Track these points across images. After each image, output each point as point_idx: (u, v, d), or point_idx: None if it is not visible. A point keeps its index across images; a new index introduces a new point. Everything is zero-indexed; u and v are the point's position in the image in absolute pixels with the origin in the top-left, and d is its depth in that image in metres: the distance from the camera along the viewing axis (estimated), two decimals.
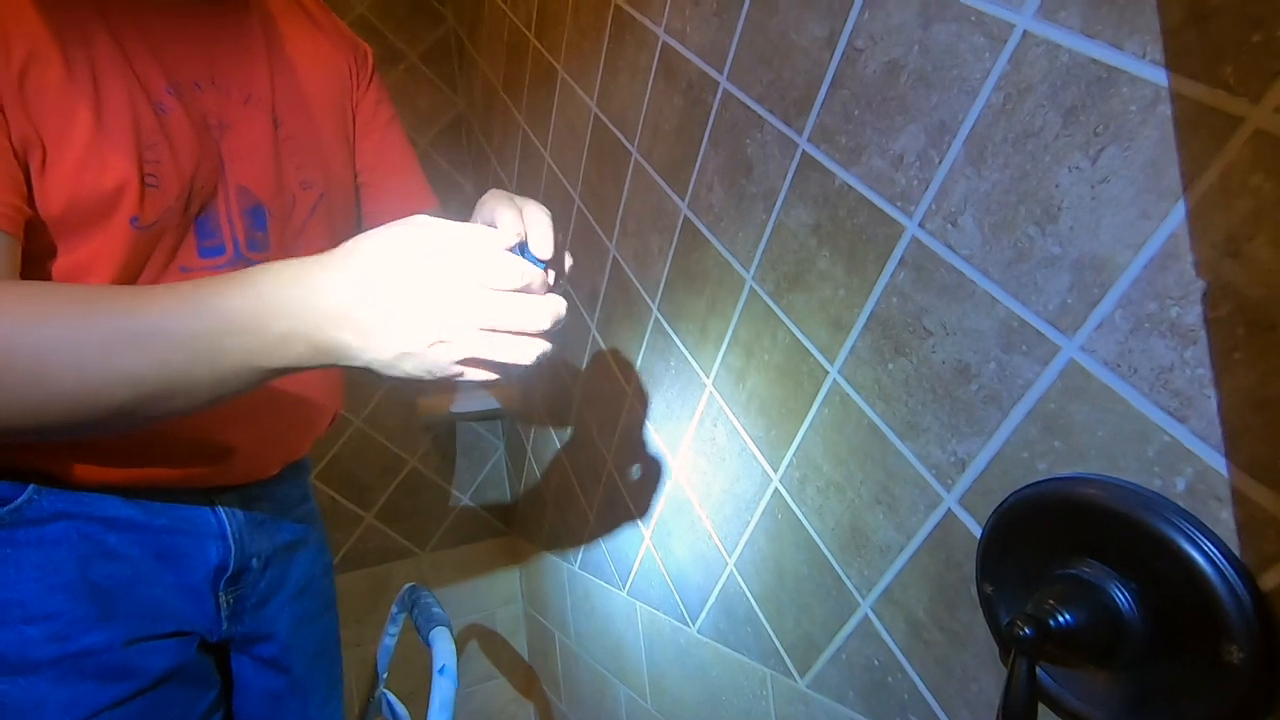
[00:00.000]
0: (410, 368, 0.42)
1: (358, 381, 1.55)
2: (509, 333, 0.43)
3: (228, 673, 0.67)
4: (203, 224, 0.58)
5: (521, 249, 0.47)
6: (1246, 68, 0.36)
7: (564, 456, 1.33)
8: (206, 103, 0.59)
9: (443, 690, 0.70)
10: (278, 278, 0.42)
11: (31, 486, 0.53)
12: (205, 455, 0.60)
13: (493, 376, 0.44)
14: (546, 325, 0.43)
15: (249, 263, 0.61)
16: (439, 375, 0.43)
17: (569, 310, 0.57)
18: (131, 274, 0.54)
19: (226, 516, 0.62)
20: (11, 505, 0.52)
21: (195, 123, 0.57)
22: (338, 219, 0.70)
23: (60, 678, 0.51)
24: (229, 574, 0.62)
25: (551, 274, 0.49)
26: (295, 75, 0.67)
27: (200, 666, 0.60)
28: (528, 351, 0.43)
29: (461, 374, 0.43)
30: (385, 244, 0.42)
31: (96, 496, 0.55)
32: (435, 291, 0.41)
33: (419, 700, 0.93)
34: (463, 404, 1.52)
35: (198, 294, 0.41)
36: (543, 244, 0.47)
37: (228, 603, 0.63)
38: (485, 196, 0.54)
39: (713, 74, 0.77)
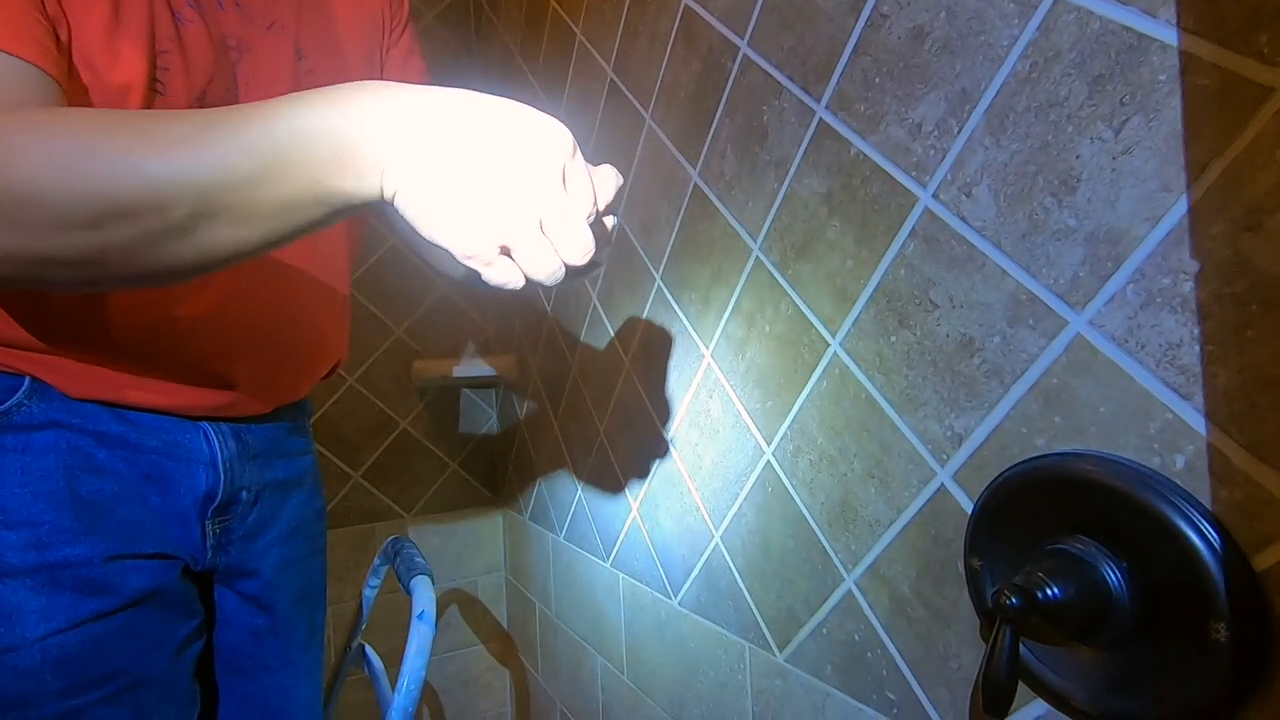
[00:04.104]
0: (448, 236, 0.39)
1: (355, 342, 1.54)
2: (554, 245, 0.40)
3: (211, 606, 0.67)
4: None
5: None
6: None
7: (556, 426, 1.32)
8: (227, 23, 0.58)
9: (421, 635, 0.70)
10: (367, 98, 0.39)
11: (22, 392, 0.53)
12: (201, 384, 0.60)
13: (517, 281, 0.42)
14: (580, 259, 0.41)
15: None
16: (470, 254, 0.40)
17: (568, 278, 0.56)
18: None
19: (219, 445, 0.61)
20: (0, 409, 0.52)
21: (214, 40, 0.56)
22: None
23: (38, 586, 0.51)
24: (217, 503, 0.62)
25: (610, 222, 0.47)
26: (326, 10, 0.66)
27: (182, 593, 0.60)
28: (555, 273, 0.41)
29: (491, 263, 0.40)
30: (494, 105, 0.39)
31: (89, 410, 0.55)
32: (524, 171, 0.38)
33: (398, 662, 0.93)
34: (463, 369, 1.51)
35: (275, 106, 0.39)
36: (604, 193, 0.45)
37: (214, 532, 0.62)
38: None
39: (733, 39, 0.76)
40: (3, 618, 0.50)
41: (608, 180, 0.45)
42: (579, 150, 0.41)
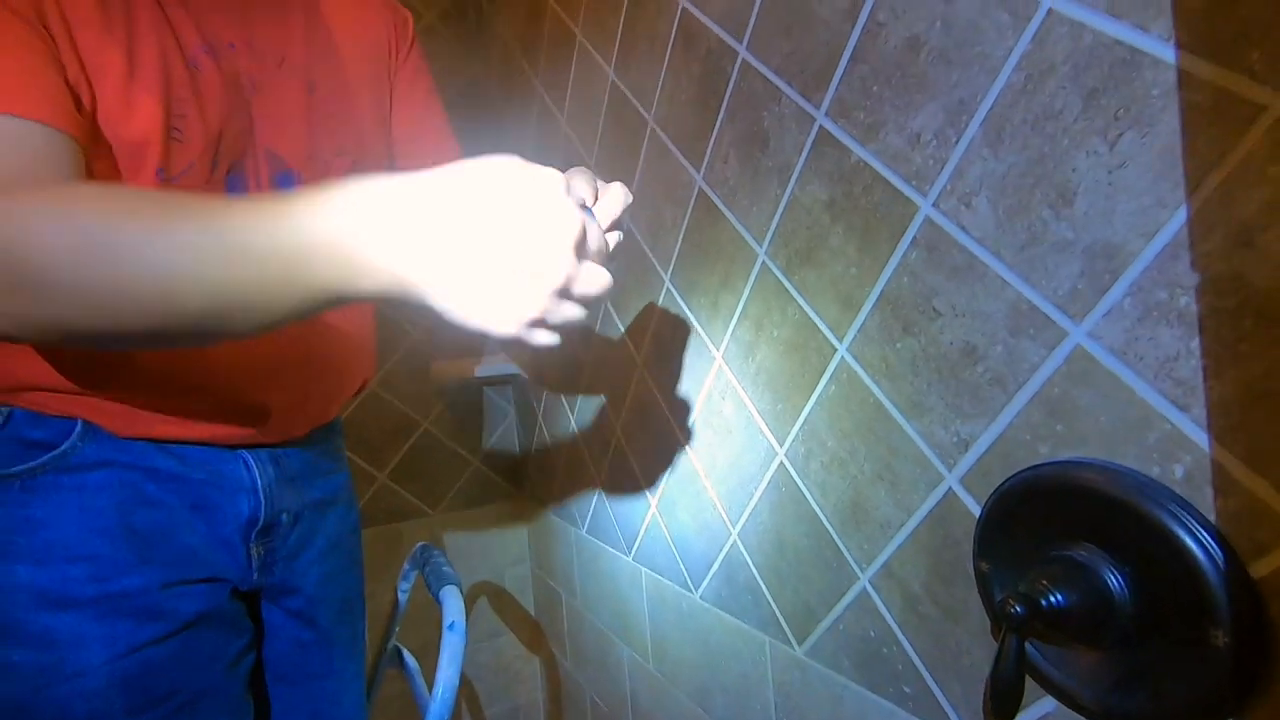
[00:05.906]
0: (480, 323, 0.40)
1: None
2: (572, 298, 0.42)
3: (259, 621, 0.70)
4: (232, 185, 0.59)
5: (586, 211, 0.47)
6: (1274, 54, 0.35)
7: (574, 424, 1.34)
8: (240, 63, 0.59)
9: (452, 645, 0.73)
10: (369, 200, 0.39)
11: (75, 434, 0.56)
12: (238, 414, 0.62)
13: (554, 340, 0.43)
14: (598, 292, 0.42)
15: None
16: (506, 335, 0.41)
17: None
18: None
19: (258, 472, 0.64)
20: (56, 451, 0.55)
21: (227, 81, 0.57)
22: None
23: (101, 615, 0.54)
24: (259, 526, 0.65)
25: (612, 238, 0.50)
26: (333, 41, 0.67)
27: (232, 613, 0.63)
28: (578, 312, 0.42)
29: (529, 335, 0.42)
30: (495, 183, 0.39)
31: (138, 447, 0.58)
32: (539, 256, 0.38)
33: (430, 655, 0.96)
34: (486, 368, 1.54)
35: (280, 210, 0.39)
36: (608, 213, 0.48)
37: (258, 554, 0.65)
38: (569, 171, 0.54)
39: (732, 43, 0.76)
40: (72, 645, 0.53)
41: (616, 199, 0.48)
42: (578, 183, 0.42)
